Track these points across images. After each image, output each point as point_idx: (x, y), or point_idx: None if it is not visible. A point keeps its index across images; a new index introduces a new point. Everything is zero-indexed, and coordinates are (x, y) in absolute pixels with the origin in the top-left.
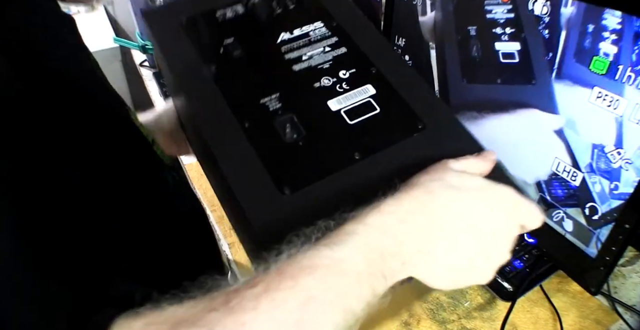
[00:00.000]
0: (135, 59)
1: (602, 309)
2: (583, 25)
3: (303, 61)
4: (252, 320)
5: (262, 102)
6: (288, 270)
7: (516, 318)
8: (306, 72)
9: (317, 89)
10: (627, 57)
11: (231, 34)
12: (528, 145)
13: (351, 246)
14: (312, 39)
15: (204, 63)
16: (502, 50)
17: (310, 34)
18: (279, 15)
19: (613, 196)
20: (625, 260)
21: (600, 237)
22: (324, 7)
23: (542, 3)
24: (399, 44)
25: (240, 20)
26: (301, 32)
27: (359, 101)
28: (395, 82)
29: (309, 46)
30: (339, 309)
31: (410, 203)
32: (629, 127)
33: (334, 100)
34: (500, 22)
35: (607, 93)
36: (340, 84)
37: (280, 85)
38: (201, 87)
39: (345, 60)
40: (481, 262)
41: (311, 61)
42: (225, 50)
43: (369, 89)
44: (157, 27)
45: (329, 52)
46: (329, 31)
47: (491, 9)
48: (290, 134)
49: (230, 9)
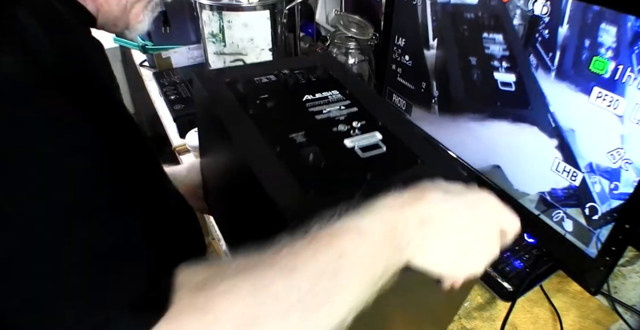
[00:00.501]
0: (135, 59)
1: (602, 309)
2: (579, 38)
3: (323, 114)
4: (301, 265)
5: (290, 137)
6: (323, 235)
7: (516, 318)
8: (326, 120)
9: (335, 132)
10: (627, 57)
11: (265, 92)
12: (529, 153)
13: (370, 218)
14: (330, 100)
15: (243, 109)
16: (500, 80)
17: (328, 97)
18: (304, 84)
19: (613, 196)
20: (625, 260)
21: (600, 237)
22: (337, 80)
23: (542, 3)
24: (398, 44)
25: (273, 85)
26: (321, 96)
27: (369, 142)
28: (397, 131)
29: (328, 105)
30: (365, 265)
31: (409, 195)
32: (629, 127)
33: (348, 140)
34: (497, 57)
35: (607, 93)
36: (354, 130)
37: (304, 127)
38: (240, 124)
39: (357, 115)
40: (471, 254)
41: (330, 114)
42: (260, 102)
43: (376, 135)
44: (205, 83)
45: (344, 110)
46: (343, 96)
47: (488, 45)
48: (313, 159)
49: (265, 77)
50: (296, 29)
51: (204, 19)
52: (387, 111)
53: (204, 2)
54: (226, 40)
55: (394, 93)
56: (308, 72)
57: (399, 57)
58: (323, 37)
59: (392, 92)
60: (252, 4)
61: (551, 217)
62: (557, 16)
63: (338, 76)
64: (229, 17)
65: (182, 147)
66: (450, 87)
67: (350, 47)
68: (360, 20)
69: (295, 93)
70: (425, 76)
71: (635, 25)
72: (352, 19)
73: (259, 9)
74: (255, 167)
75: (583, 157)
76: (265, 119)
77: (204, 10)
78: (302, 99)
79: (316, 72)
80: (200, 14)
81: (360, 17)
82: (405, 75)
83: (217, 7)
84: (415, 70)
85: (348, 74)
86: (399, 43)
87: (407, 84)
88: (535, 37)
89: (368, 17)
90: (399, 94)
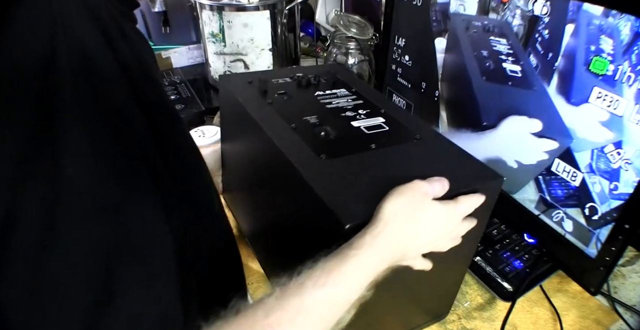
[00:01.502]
0: None
1: (602, 309)
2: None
3: (333, 104)
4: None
5: (305, 118)
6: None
7: (516, 318)
8: (335, 109)
9: (343, 117)
10: (627, 58)
11: (282, 89)
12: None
13: (344, 287)
14: (339, 95)
15: (263, 99)
16: (508, 68)
17: (337, 93)
18: (315, 84)
19: (613, 196)
20: (625, 260)
21: (600, 237)
22: (345, 82)
23: (542, 2)
24: (398, 44)
25: (288, 84)
26: (331, 92)
27: (373, 123)
28: (398, 116)
29: (337, 98)
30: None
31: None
32: (629, 127)
33: (355, 122)
34: (503, 52)
35: (607, 93)
36: (359, 115)
37: (317, 112)
38: (261, 110)
39: (362, 106)
40: (439, 244)
41: (339, 104)
42: (278, 95)
43: (379, 119)
44: (229, 84)
45: (350, 102)
46: (350, 93)
47: (495, 45)
48: (325, 134)
49: (281, 79)
50: (296, 29)
51: (204, 19)
52: (389, 103)
53: (204, 2)
54: (226, 40)
55: (394, 93)
56: (319, 76)
57: (399, 57)
58: (323, 37)
59: (392, 92)
60: (252, 4)
61: (551, 217)
62: (557, 16)
63: (345, 79)
64: (229, 17)
65: None
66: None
67: (350, 47)
68: (360, 20)
69: (308, 90)
70: (429, 75)
71: (635, 25)
72: (352, 19)
73: (259, 9)
74: (276, 140)
75: (583, 158)
76: (283, 106)
77: (204, 10)
78: (314, 94)
79: (326, 76)
80: (200, 14)
81: (360, 17)
82: (405, 75)
83: (217, 7)
84: (415, 70)
85: (354, 77)
86: (399, 43)
87: (407, 84)
88: (535, 37)
89: (368, 17)
90: (398, 94)
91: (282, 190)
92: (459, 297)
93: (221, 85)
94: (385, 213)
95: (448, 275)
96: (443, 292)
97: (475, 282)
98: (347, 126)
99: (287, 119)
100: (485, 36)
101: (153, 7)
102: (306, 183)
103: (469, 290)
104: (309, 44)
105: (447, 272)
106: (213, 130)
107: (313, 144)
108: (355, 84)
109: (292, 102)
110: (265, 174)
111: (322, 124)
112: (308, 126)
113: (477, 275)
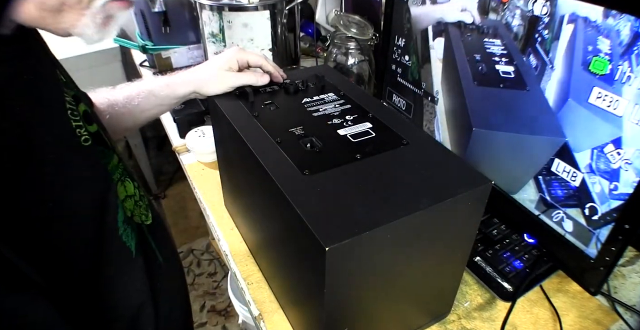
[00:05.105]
0: (135, 59)
1: (602, 309)
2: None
3: (320, 112)
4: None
5: (290, 130)
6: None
7: (516, 318)
8: (322, 116)
9: (329, 125)
10: (626, 58)
11: (269, 99)
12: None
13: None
14: (326, 100)
15: (250, 113)
16: (501, 70)
17: (325, 98)
18: (303, 90)
19: (613, 196)
20: (625, 260)
21: (600, 237)
22: (333, 85)
23: (541, 4)
24: (398, 44)
25: (276, 93)
26: (319, 98)
27: (359, 130)
28: (386, 120)
29: (324, 104)
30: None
31: None
32: (629, 127)
33: (341, 130)
34: (497, 54)
35: (607, 93)
36: (347, 122)
37: (303, 122)
38: (246, 124)
39: (350, 111)
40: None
41: (326, 111)
42: (265, 106)
43: (367, 124)
44: (217, 97)
45: (338, 107)
46: (338, 97)
47: (489, 47)
48: (310, 147)
49: (269, 87)
50: (296, 29)
51: (204, 19)
52: (378, 105)
53: (204, 2)
54: (226, 40)
55: (394, 93)
56: (307, 80)
57: (399, 57)
58: (323, 37)
59: (392, 92)
60: (252, 4)
61: (551, 217)
62: (557, 16)
63: (334, 82)
64: (229, 17)
65: (182, 147)
66: (463, 81)
67: (350, 47)
68: (360, 20)
69: (296, 97)
70: (426, 74)
71: (635, 25)
72: (352, 19)
73: (259, 9)
74: (260, 157)
75: (583, 158)
76: (269, 118)
77: (204, 10)
78: (301, 101)
79: (314, 80)
80: (200, 14)
81: (360, 17)
82: (405, 75)
83: (217, 7)
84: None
85: (344, 79)
86: (399, 43)
87: (407, 84)
88: (535, 37)
89: (368, 17)
90: (398, 94)
91: (269, 207)
92: (459, 297)
93: (210, 99)
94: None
95: (445, 276)
96: (442, 293)
97: (475, 282)
98: (334, 135)
99: (272, 133)
100: (480, 37)
101: (153, 7)
102: (289, 202)
103: (469, 291)
104: (309, 44)
105: (443, 273)
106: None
107: (297, 159)
108: (344, 86)
109: (278, 113)
110: (253, 189)
111: (308, 135)
112: (293, 138)
113: (477, 275)
